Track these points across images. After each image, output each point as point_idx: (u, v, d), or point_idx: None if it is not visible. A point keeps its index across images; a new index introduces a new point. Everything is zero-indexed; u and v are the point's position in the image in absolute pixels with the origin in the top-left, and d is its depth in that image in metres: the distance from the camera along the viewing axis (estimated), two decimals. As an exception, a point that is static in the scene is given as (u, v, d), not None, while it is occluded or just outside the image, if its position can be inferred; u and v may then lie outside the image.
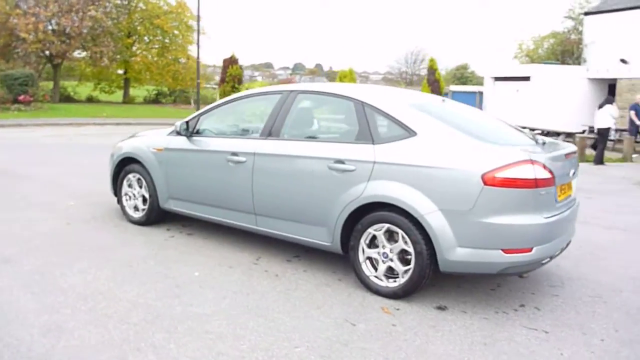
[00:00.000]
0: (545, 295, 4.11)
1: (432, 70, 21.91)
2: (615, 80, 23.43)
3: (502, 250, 3.54)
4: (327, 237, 4.19)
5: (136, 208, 5.61)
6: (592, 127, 17.69)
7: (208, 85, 41.29)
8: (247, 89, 15.85)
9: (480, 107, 25.63)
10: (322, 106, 4.81)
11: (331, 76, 65.58)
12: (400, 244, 3.80)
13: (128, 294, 3.80)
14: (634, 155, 15.87)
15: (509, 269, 3.61)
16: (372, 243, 3.98)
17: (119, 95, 35.18)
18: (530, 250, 3.55)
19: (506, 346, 3.26)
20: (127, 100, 34.78)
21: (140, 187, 5.52)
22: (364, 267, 4.01)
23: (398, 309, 3.72)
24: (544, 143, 4.21)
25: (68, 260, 4.44)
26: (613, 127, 14.73)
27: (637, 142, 16.92)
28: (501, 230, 3.52)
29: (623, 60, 22.77)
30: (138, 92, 37.98)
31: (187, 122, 5.10)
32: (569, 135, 19.68)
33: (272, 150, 4.44)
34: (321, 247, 4.29)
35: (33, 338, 3.10)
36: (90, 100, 33.17)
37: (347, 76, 19.48)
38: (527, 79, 22.85)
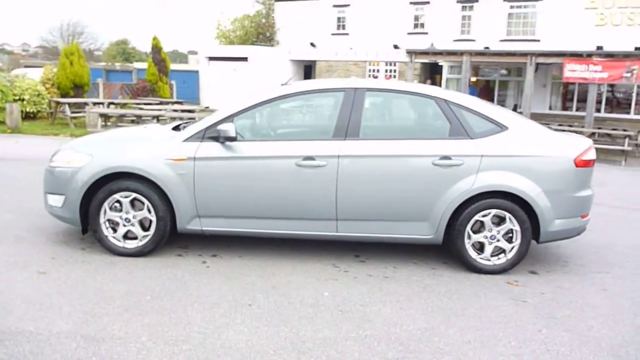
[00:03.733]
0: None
1: (157, 49, 20.91)
2: (310, 62, 27.16)
3: (580, 216, 4.51)
4: (429, 231, 4.37)
5: (128, 236, 4.38)
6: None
7: None
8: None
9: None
10: (393, 103, 4.76)
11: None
12: (508, 225, 4.35)
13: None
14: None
15: (581, 231, 4.61)
16: (477, 229, 4.39)
17: None
18: (588, 214, 4.62)
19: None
20: None
21: (140, 209, 4.33)
22: (471, 252, 4.40)
23: (512, 282, 4.30)
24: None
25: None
26: None
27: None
28: (581, 201, 4.47)
29: (312, 44, 26.50)
30: None
31: (217, 125, 4.28)
32: None
33: (363, 151, 4.26)
34: (419, 241, 4.44)
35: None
36: None
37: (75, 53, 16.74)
38: (244, 59, 24.27)
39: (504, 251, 4.40)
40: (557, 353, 3.14)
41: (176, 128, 4.84)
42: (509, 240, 4.38)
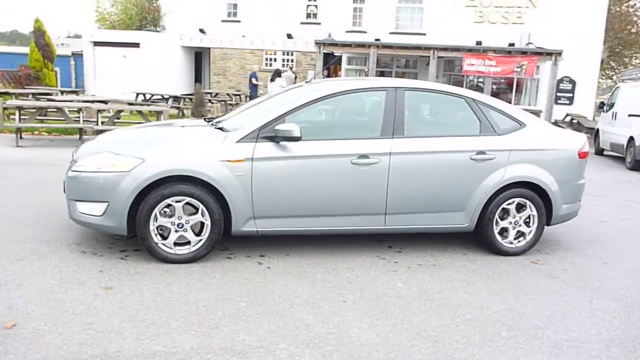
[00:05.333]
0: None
1: (40, 32, 18.84)
2: (201, 49, 26.37)
3: (578, 201, 5.22)
4: (464, 220, 4.77)
5: (177, 242, 4.19)
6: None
7: None
8: None
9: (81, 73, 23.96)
10: (429, 102, 4.98)
11: None
12: (528, 212, 4.91)
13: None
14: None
15: (577, 214, 5.31)
16: (502, 216, 4.88)
17: None
18: (580, 200, 5.34)
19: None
20: None
21: (192, 213, 4.16)
22: (498, 237, 4.89)
23: (537, 261, 4.88)
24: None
25: None
26: None
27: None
28: (580, 187, 5.17)
29: (202, 30, 25.81)
30: None
31: (274, 126, 4.26)
32: (176, 99, 21.31)
33: (409, 148, 4.52)
34: (457, 230, 4.83)
35: None
36: None
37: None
38: (136, 45, 22.86)
39: (523, 234, 4.95)
40: (624, 320, 3.71)
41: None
42: (527, 225, 4.94)
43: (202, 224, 4.20)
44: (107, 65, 22.65)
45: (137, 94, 18.56)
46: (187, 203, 4.14)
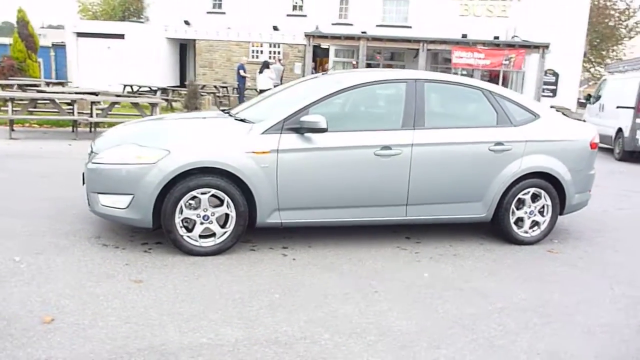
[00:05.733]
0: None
1: (23, 22, 18.36)
2: (186, 40, 26.09)
3: (588, 191, 5.32)
4: (482, 210, 4.83)
5: (204, 235, 4.16)
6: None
7: None
8: None
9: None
10: (447, 94, 4.98)
11: None
12: (543, 201, 4.99)
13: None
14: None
15: (587, 203, 5.41)
16: (518, 206, 4.95)
17: None
18: (591, 190, 5.44)
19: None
20: None
21: (217, 205, 4.13)
22: (514, 227, 4.96)
23: (552, 250, 4.97)
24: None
25: None
26: (272, 87, 17.14)
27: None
28: (591, 177, 5.27)
29: (186, 22, 25.53)
30: None
31: (298, 117, 4.25)
32: (164, 92, 21.10)
33: (430, 139, 4.55)
34: (474, 220, 4.88)
35: None
36: None
37: None
38: (120, 36, 22.50)
39: (538, 224, 5.03)
40: (646, 305, 3.81)
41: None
42: (542, 215, 5.02)
43: (227, 215, 4.18)
44: (90, 57, 22.27)
45: (125, 86, 18.27)
46: (212, 195, 4.11)
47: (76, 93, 11.01)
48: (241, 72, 19.89)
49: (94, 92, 12.27)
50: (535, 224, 5.03)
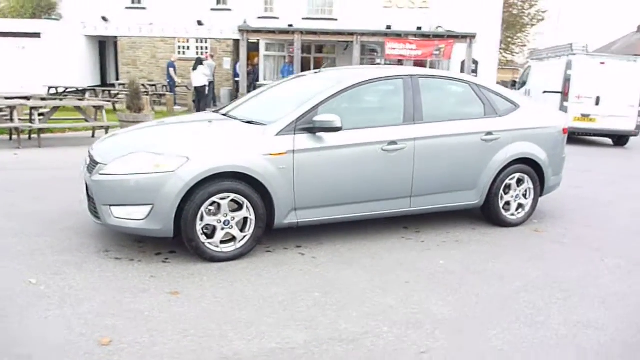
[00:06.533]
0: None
1: None
2: (105, 37, 24.82)
3: (560, 173, 5.78)
4: (475, 197, 5.13)
5: (224, 240, 4.12)
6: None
7: None
8: None
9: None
10: (439, 88, 5.14)
11: None
12: (527, 185, 5.38)
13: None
14: (175, 107, 18.29)
15: (559, 185, 5.87)
16: (505, 191, 5.30)
17: None
18: (561, 172, 5.91)
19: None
20: None
21: (236, 209, 4.10)
22: (502, 211, 5.31)
23: (538, 230, 5.37)
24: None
25: None
26: (207, 84, 16.71)
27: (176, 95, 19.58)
28: (563, 160, 5.74)
29: (104, 18, 24.32)
30: None
31: (311, 117, 4.30)
32: (83, 92, 20.06)
33: (430, 133, 4.75)
34: (468, 207, 5.17)
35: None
36: None
37: None
38: (36, 35, 20.97)
39: (522, 206, 5.41)
40: (634, 273, 4.25)
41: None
42: (525, 197, 5.41)
43: (245, 219, 4.15)
44: (3, 57, 20.60)
45: (50, 88, 17.14)
46: (232, 199, 4.07)
47: (15, 98, 10.23)
48: (171, 70, 19.32)
49: (26, 96, 11.49)
50: (520, 206, 5.40)
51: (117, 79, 23.53)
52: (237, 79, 23.73)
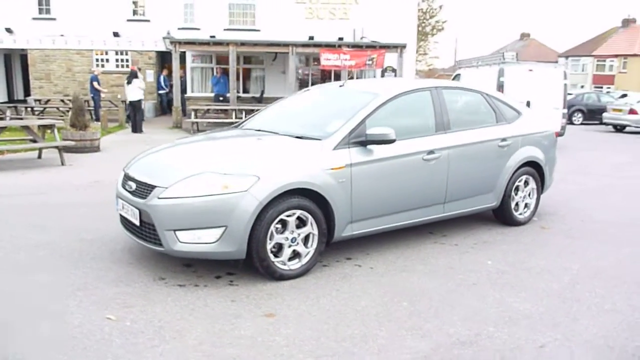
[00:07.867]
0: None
1: None
2: (10, 50, 22.98)
3: (553, 173, 6.32)
4: (493, 200, 5.47)
5: (292, 257, 4.10)
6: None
7: None
8: None
9: None
10: (459, 98, 5.37)
11: None
12: (531, 186, 5.82)
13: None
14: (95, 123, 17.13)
15: (552, 183, 6.39)
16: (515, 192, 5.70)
17: None
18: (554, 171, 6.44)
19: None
20: None
21: (300, 226, 4.09)
22: (514, 211, 5.70)
23: (544, 227, 5.82)
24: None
25: None
26: (142, 97, 15.87)
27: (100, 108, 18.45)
28: (555, 161, 6.26)
29: (8, 30, 22.61)
30: None
31: (362, 130, 4.40)
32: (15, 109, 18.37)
33: (459, 141, 5.02)
34: (488, 209, 5.50)
35: None
36: None
37: None
38: None
39: (528, 205, 5.84)
40: (655, 258, 4.78)
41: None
42: (529, 197, 5.85)
43: (307, 235, 4.15)
44: None
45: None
46: (299, 216, 4.05)
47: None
48: (95, 83, 18.30)
49: None
50: (526, 205, 5.83)
51: (29, 95, 21.82)
52: (160, 91, 22.97)
